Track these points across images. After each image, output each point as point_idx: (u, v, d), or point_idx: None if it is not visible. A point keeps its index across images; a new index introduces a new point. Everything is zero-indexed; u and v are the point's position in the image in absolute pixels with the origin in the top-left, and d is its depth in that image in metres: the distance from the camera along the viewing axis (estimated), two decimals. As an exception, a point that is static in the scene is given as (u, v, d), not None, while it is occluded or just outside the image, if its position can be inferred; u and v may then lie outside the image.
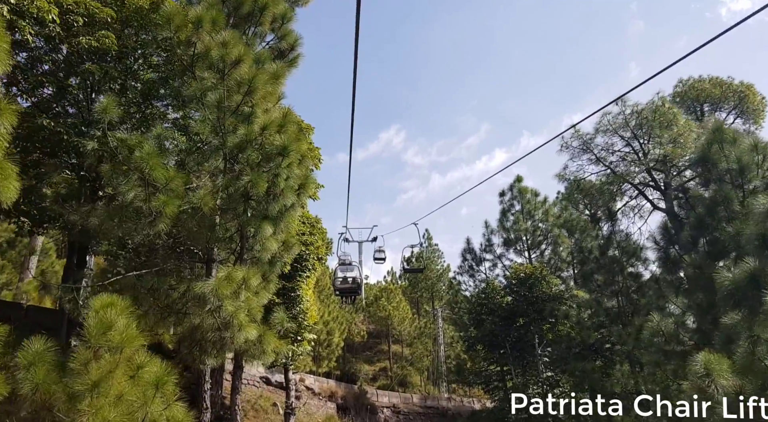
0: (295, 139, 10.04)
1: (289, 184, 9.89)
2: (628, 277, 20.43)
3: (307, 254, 16.86)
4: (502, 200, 31.34)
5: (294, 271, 16.62)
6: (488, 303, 24.44)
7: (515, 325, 23.45)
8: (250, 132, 9.57)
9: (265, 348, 8.88)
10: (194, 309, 8.62)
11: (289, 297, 16.46)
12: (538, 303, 22.74)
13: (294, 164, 10.02)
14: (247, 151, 9.70)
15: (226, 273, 8.67)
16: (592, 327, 19.08)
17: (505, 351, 23.50)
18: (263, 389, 20.81)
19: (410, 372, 53.35)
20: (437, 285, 64.87)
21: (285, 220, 10.49)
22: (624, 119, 21.51)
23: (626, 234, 22.46)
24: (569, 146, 23.62)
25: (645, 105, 21.31)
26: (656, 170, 21.85)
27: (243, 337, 8.62)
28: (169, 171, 8.72)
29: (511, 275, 24.66)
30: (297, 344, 16.84)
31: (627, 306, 20.17)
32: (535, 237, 29.65)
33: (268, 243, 10.07)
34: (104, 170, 8.99)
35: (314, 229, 17.54)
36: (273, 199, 9.75)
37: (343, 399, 26.62)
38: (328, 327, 43.55)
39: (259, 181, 9.17)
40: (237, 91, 9.80)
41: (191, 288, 8.74)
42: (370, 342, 60.51)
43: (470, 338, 25.76)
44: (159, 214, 8.43)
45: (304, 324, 16.92)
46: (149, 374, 5.94)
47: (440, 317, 47.14)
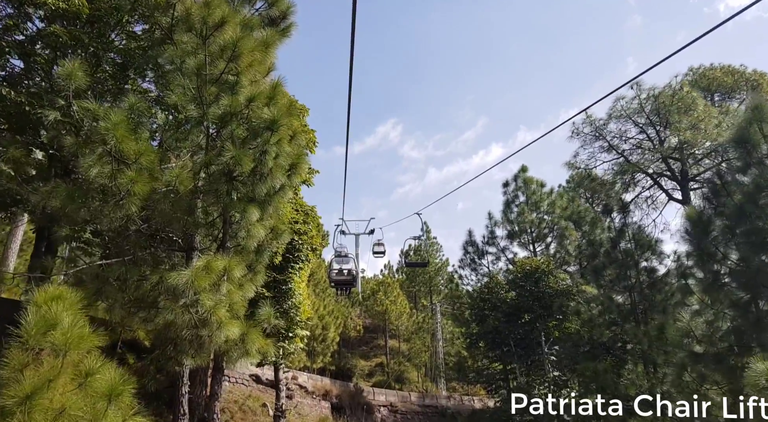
0: (286, 112, 9.02)
1: (278, 163, 8.87)
2: (643, 272, 19.53)
3: (300, 244, 15.85)
4: (505, 190, 30.41)
5: (286, 263, 15.60)
6: (491, 298, 23.51)
7: (520, 322, 22.53)
8: (234, 103, 8.54)
9: (248, 349, 7.91)
10: (167, 303, 7.63)
11: (279, 290, 15.43)
12: (545, 299, 21.81)
13: (284, 141, 9.00)
14: (231, 125, 8.68)
15: (205, 262, 7.69)
16: (603, 325, 18.17)
17: (510, 349, 22.61)
18: (252, 388, 19.84)
19: (407, 368, 52.68)
20: (435, 279, 64.10)
21: (274, 204, 9.48)
22: (639, 104, 20.47)
23: (639, 227, 21.54)
24: (580, 132, 22.61)
25: (662, 88, 20.29)
26: (672, 159, 20.87)
27: (223, 336, 7.64)
28: (139, 144, 7.70)
29: (516, 269, 23.70)
30: (288, 341, 15.82)
31: (641, 303, 19.28)
32: (540, 229, 28.76)
33: (255, 230, 9.09)
34: (67, 143, 7.98)
35: (308, 218, 16.51)
36: (260, 179, 8.74)
37: (338, 398, 25.72)
38: (324, 322, 42.73)
39: (243, 157, 8.16)
40: (220, 56, 8.77)
41: (164, 279, 7.74)
42: (366, 337, 59.82)
43: (472, 335, 24.85)
44: (127, 194, 7.42)
45: (296, 320, 15.88)
46: (101, 382, 4.96)
47: (439, 312, 46.27)
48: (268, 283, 15.05)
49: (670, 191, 22.18)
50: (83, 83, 7.90)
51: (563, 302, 20.73)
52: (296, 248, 15.75)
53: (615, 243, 20.16)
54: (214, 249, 9.78)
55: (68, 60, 8.21)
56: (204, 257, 7.99)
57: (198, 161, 8.35)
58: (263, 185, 8.77)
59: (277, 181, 8.85)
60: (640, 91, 20.27)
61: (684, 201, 20.94)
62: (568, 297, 21.18)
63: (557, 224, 27.97)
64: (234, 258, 8.48)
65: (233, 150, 8.20)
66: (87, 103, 7.79)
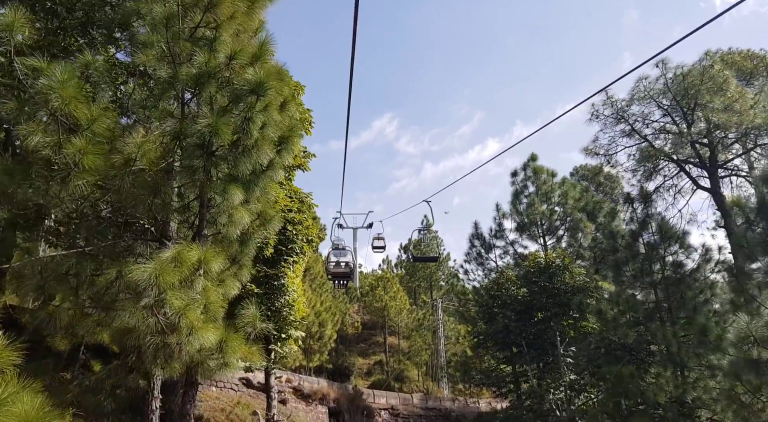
0: (276, 75, 7.68)
1: (265, 135, 7.53)
2: (670, 267, 18.24)
3: (294, 235, 14.47)
4: (514, 181, 29.08)
5: (278, 255, 14.20)
6: (501, 295, 22.22)
7: (533, 321, 21.26)
8: (211, 62, 7.19)
9: (227, 360, 6.59)
10: (126, 303, 6.31)
11: (271, 286, 14.05)
12: (560, 296, 20.52)
13: (273, 108, 7.65)
14: (209, 88, 7.32)
15: (175, 253, 6.37)
16: (626, 325, 16.89)
17: (521, 350, 21.35)
18: (242, 393, 18.49)
19: (407, 366, 51.59)
20: (436, 275, 63.05)
21: (261, 184, 8.14)
22: (665, 84, 19.06)
23: (662, 218, 20.24)
24: (600, 115, 21.16)
25: (691, 66, 18.87)
26: (699, 144, 19.51)
27: (196, 344, 6.31)
28: (94, 108, 6.36)
29: (529, 263, 22.39)
30: (281, 343, 14.46)
31: (665, 300, 18.01)
32: (551, 221, 27.46)
33: (238, 215, 7.75)
34: (8, 109, 6.65)
35: (303, 206, 15.13)
36: (243, 153, 7.40)
37: (336, 402, 24.44)
38: (321, 319, 41.54)
39: (221, 126, 6.82)
40: (195, 5, 7.41)
41: (124, 274, 6.42)
42: (364, 334, 58.71)
43: (479, 334, 23.56)
44: (75, 168, 6.08)
45: (289, 320, 14.51)
46: (10, 417, 3.65)
47: (440, 308, 45.05)
48: (258, 279, 13.69)
49: (697, 179, 20.84)
50: (28, 37, 6.59)
51: (582, 300, 19.45)
52: (290, 239, 14.36)
53: (637, 236, 18.90)
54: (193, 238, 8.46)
55: (9, 8, 6.83)
56: (175, 246, 6.66)
57: (168, 131, 6.98)
58: (247, 161, 7.44)
59: (264, 155, 7.51)
60: (666, 70, 18.90)
61: (713, 189, 19.62)
62: (586, 294, 19.89)
63: (570, 216, 26.67)
64: (212, 248, 7.16)
65: (210, 117, 6.85)
66: (33, 61, 6.43)
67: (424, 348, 50.07)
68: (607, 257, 25.85)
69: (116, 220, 8.06)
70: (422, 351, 49.91)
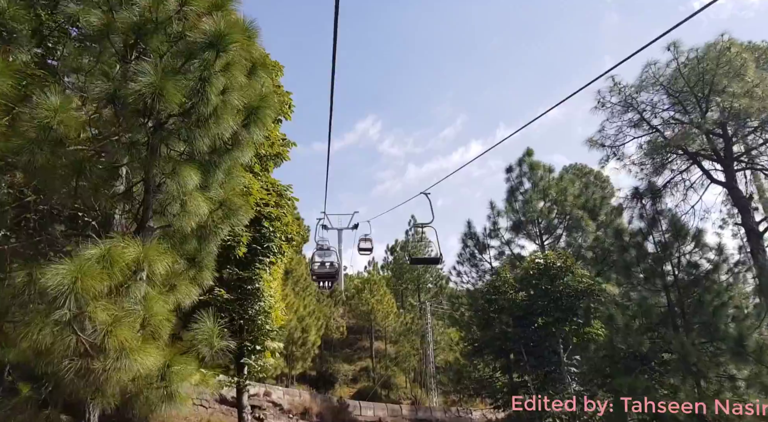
0: (240, 28, 6.21)
1: (228, 101, 6.07)
2: (684, 267, 17.04)
3: (271, 232, 12.93)
4: (509, 177, 27.85)
5: (252, 256, 12.63)
6: (498, 298, 20.89)
7: (533, 327, 19.96)
8: (157, 5, 5.72)
9: (172, 390, 5.11)
10: (35, 316, 4.82)
11: (243, 291, 12.49)
12: (563, 300, 19.24)
13: (237, 69, 6.18)
14: (153, 40, 5.85)
15: (102, 249, 4.91)
16: (639, 331, 15.64)
17: (520, 358, 20.05)
18: (213, 410, 16.85)
19: (395, 372, 50.29)
20: (424, 277, 61.74)
21: (224, 166, 6.69)
22: (677, 68, 17.89)
23: (673, 215, 19.06)
24: (606, 103, 19.91)
25: (706, 48, 17.69)
26: (713, 134, 18.38)
27: (130, 370, 4.83)
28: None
29: (527, 265, 21.08)
30: (255, 357, 12.88)
31: (678, 304, 16.81)
32: (549, 219, 26.24)
33: (193, 203, 6.25)
34: None
35: (282, 200, 13.60)
36: (199, 124, 5.94)
37: (319, 417, 22.93)
38: (304, 324, 40.08)
39: (167, 86, 5.35)
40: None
41: (35, 278, 4.94)
42: (350, 339, 57.30)
43: (474, 340, 22.20)
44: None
45: (265, 329, 12.94)
46: None
47: (429, 312, 43.76)
48: (229, 282, 12.18)
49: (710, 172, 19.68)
50: None
51: (589, 304, 18.20)
52: (266, 237, 12.79)
53: (646, 234, 17.72)
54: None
55: None
56: (105, 242, 5.17)
57: (98, 93, 5.49)
58: (204, 135, 5.98)
59: (225, 128, 6.04)
60: (678, 54, 17.72)
61: (728, 184, 18.50)
62: (592, 298, 18.63)
63: (570, 213, 25.47)
64: (158, 245, 5.67)
65: (153, 75, 5.38)
66: None
67: (412, 354, 48.78)
68: (610, 257, 24.74)
69: (41, 209, 6.54)
70: (410, 356, 48.62)
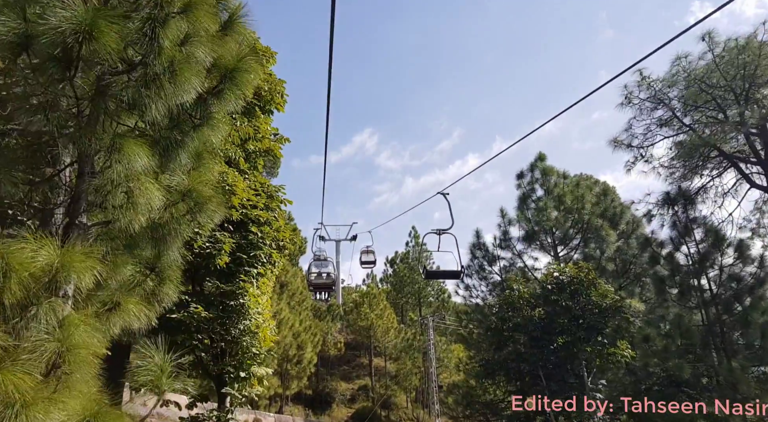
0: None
1: (191, 55, 4.53)
2: (725, 281, 15.55)
3: (259, 238, 11.26)
4: (520, 183, 26.36)
5: (237, 266, 10.94)
6: (514, 316, 19.29)
7: (552, 347, 18.35)
8: None
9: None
10: None
11: (226, 308, 10.76)
12: (586, 318, 17.64)
13: (204, 14, 4.62)
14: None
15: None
16: (677, 354, 14.06)
17: (537, 381, 18.41)
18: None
19: (395, 391, 48.66)
20: (425, 290, 60.06)
21: (188, 146, 5.11)
22: (713, 61, 16.45)
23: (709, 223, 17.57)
24: (633, 99, 18.41)
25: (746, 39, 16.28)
26: (753, 135, 16.95)
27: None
28: None
29: (546, 278, 19.50)
30: (239, 385, 11.10)
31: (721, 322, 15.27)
32: (565, 229, 24.67)
33: (143, 191, 4.64)
34: None
35: (272, 202, 11.99)
36: (148, 84, 4.38)
37: (314, 445, 21.18)
38: (299, 340, 38.43)
39: (98, 24, 3.82)
40: None
41: None
42: (348, 355, 55.69)
43: (487, 362, 20.56)
44: None
45: (251, 353, 11.17)
46: None
47: (431, 327, 42.12)
48: (209, 297, 10.55)
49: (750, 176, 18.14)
50: None
51: (619, 323, 16.61)
52: (253, 244, 11.08)
53: (678, 245, 16.20)
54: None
55: None
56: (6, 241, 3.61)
57: (5, 33, 3.94)
58: (157, 96, 4.45)
59: (186, 90, 4.50)
60: (714, 45, 16.30)
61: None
62: (620, 316, 17.04)
63: (588, 222, 23.92)
64: (85, 248, 4.10)
65: (79, 6, 3.86)
66: None
67: (413, 372, 47.13)
68: (632, 270, 23.16)
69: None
70: (411, 374, 46.96)
